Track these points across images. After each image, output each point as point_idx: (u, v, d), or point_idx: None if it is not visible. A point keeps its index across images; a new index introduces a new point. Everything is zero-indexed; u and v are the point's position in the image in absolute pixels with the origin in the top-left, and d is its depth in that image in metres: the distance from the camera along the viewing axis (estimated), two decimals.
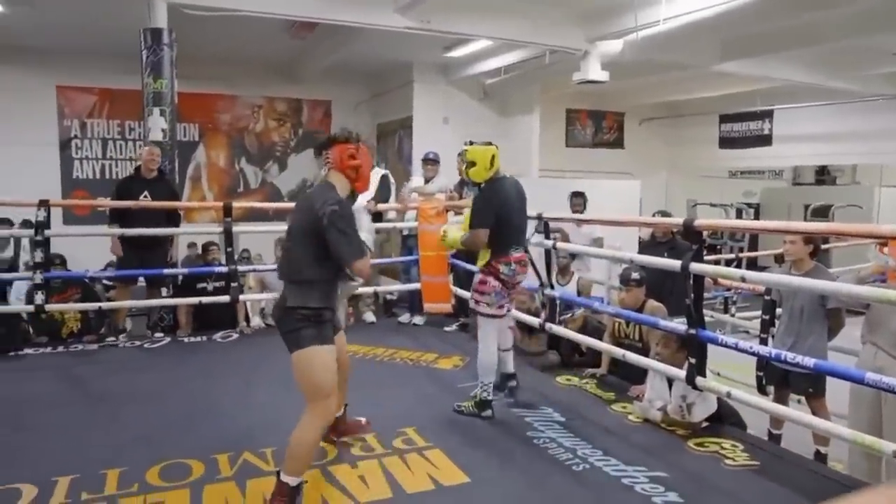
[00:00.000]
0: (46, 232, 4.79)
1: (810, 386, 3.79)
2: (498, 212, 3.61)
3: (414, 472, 2.95)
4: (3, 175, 8.85)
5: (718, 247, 10.85)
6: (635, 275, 4.18)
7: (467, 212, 3.81)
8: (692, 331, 3.32)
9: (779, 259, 9.64)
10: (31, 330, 5.19)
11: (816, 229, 3.39)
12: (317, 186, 2.82)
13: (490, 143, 3.74)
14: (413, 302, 5.98)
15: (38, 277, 4.75)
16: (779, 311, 4.22)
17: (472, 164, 3.65)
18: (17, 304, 5.52)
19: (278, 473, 2.54)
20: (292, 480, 2.51)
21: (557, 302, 4.70)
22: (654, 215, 5.63)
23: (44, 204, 4.77)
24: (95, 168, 9.95)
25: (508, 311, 3.91)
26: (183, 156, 9.40)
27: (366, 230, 3.02)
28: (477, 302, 3.72)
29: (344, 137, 2.78)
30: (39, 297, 4.75)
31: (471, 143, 3.81)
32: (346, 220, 2.58)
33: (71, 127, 9.79)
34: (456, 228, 3.97)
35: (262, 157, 10.99)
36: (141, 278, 5.44)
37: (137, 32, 5.86)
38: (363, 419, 3.35)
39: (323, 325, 2.66)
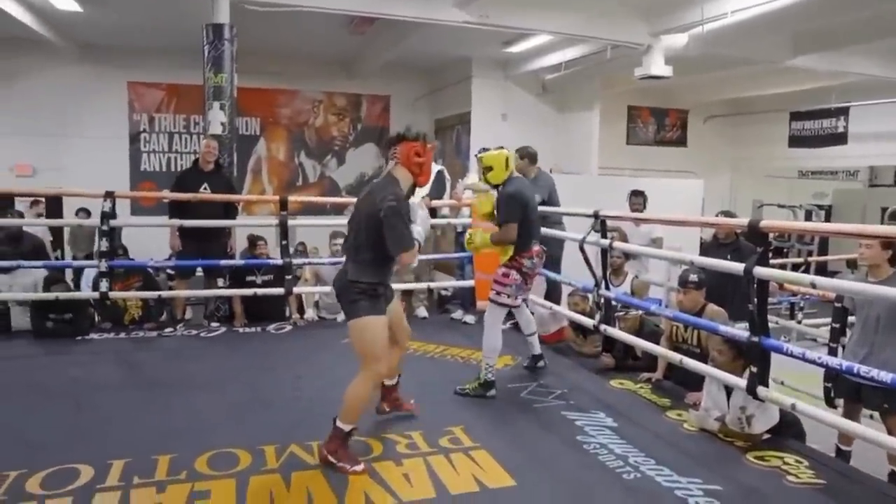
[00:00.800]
0: (111, 222, 4.96)
1: (885, 401, 3.54)
2: (522, 208, 3.92)
3: (459, 473, 2.90)
4: (77, 167, 9.29)
5: (785, 250, 10.37)
6: (693, 277, 4.01)
7: (481, 202, 4.23)
8: (755, 338, 3.15)
9: (851, 264, 9.19)
10: (97, 316, 5.40)
11: (887, 233, 3.15)
12: (382, 179, 3.11)
13: (501, 148, 4.07)
14: (465, 299, 5.93)
15: (104, 265, 4.93)
16: (851, 319, 3.97)
17: (490, 168, 3.97)
18: (85, 290, 5.76)
19: (335, 420, 2.95)
20: (346, 427, 2.95)
21: (613, 303, 4.56)
22: (717, 215, 5.40)
23: (109, 195, 4.94)
24: (162, 161, 10.30)
25: (524, 301, 4.33)
26: (244, 149, 9.65)
27: (420, 224, 3.10)
28: (498, 293, 3.99)
29: (413, 136, 3.07)
30: (104, 285, 4.93)
31: (484, 150, 4.11)
32: (399, 216, 2.91)
33: (140, 121, 10.17)
34: (480, 231, 4.18)
35: (321, 152, 11.15)
36: (199, 269, 5.58)
37: (200, 28, 6.00)
38: (412, 401, 3.57)
39: (377, 299, 3.01)
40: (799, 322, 6.60)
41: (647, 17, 7.06)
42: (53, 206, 7.41)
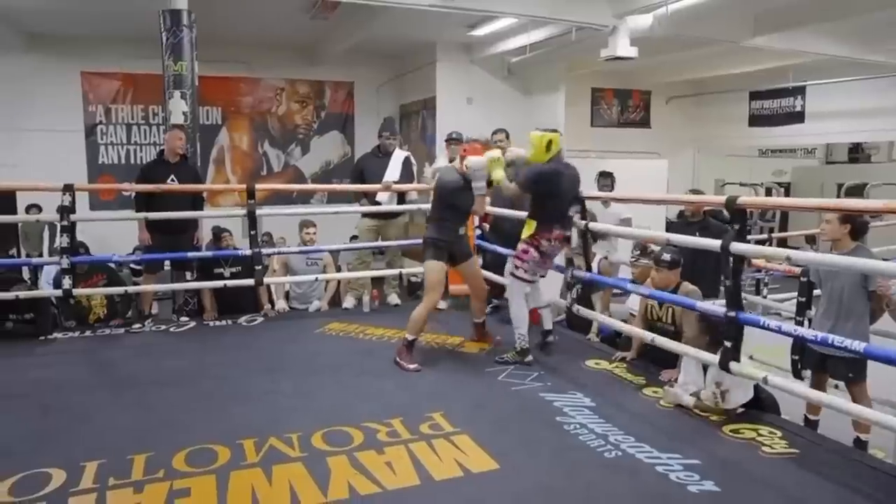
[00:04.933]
0: (72, 217, 4.79)
1: (850, 371, 3.65)
2: (544, 189, 4.09)
3: (442, 459, 2.90)
4: (31, 162, 8.98)
5: (748, 227, 10.62)
6: (667, 256, 4.05)
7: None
8: (731, 313, 3.21)
9: (810, 240, 9.42)
10: (59, 315, 5.23)
11: (869, 207, 3.23)
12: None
13: (555, 130, 4.17)
14: None
15: (65, 262, 4.76)
16: (816, 292, 4.08)
17: (533, 147, 4.09)
18: (46, 288, 5.58)
19: (405, 335, 4.14)
20: (410, 337, 4.15)
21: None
22: (687, 194, 5.47)
23: (68, 188, 4.77)
24: (120, 153, 10.01)
25: (542, 276, 4.44)
26: (206, 139, 9.42)
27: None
28: (517, 267, 4.20)
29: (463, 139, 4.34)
30: (67, 282, 4.77)
31: (536, 130, 4.18)
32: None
33: (96, 113, 9.86)
34: (501, 168, 4.27)
35: (285, 140, 10.97)
36: (167, 262, 5.45)
37: (157, 15, 5.82)
38: (499, 336, 4.61)
39: (439, 249, 4.27)
40: (764, 297, 6.74)
41: None
42: (6, 202, 7.13)
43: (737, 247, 3.20)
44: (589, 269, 4.62)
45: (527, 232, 4.18)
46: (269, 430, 3.12)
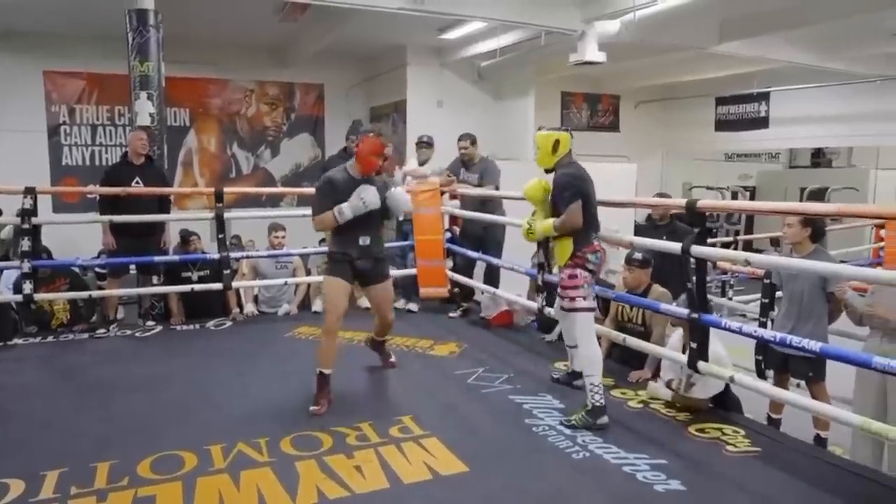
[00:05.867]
0: (33, 220, 4.68)
1: (811, 370, 3.75)
2: (582, 191, 3.47)
3: (411, 462, 2.90)
4: None
5: (714, 230, 10.81)
6: (638, 255, 4.12)
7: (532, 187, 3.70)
8: (695, 315, 3.27)
9: (774, 243, 9.61)
10: (20, 320, 5.10)
11: (825, 210, 3.32)
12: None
13: (566, 130, 3.62)
14: (408, 288, 5.91)
15: (26, 266, 4.65)
16: (778, 294, 4.17)
17: (538, 149, 3.58)
18: (6, 293, 5.43)
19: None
20: (326, 371, 3.56)
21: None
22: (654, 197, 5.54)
23: (30, 191, 4.66)
24: (85, 154, 9.79)
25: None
26: (174, 141, 9.27)
27: (359, 199, 3.53)
28: (573, 299, 3.43)
29: (366, 130, 3.65)
30: (28, 287, 4.65)
31: (540, 129, 3.66)
32: (317, 191, 3.68)
33: (59, 113, 9.61)
34: (537, 219, 3.67)
35: (255, 142, 10.84)
36: (132, 266, 5.35)
37: (123, 14, 5.72)
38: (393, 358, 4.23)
39: (338, 263, 3.65)
40: (730, 299, 6.87)
41: (580, 3, 7.15)
42: None
43: (697, 250, 3.26)
44: (550, 270, 4.61)
45: (564, 254, 3.50)
46: (237, 436, 3.09)
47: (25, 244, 4.67)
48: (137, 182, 5.07)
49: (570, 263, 3.46)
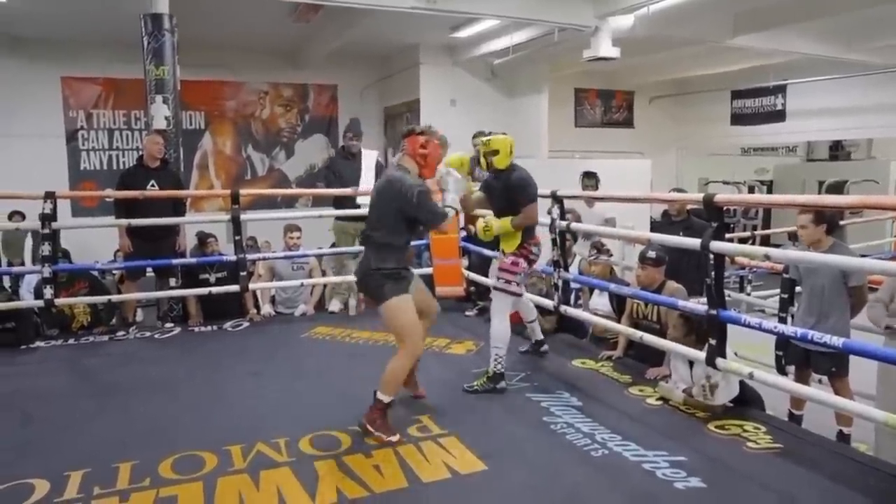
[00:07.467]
0: (53, 224, 4.74)
1: (833, 365, 3.71)
2: (535, 193, 3.85)
3: (430, 461, 2.90)
4: (11, 168, 8.84)
5: (731, 225, 10.70)
6: (652, 253, 4.09)
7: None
8: (713, 311, 3.23)
9: (792, 237, 9.51)
10: (41, 323, 5.17)
11: (845, 202, 3.26)
12: (394, 168, 3.41)
13: (504, 133, 3.96)
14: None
15: (47, 271, 4.70)
16: (798, 289, 4.12)
17: (496, 152, 3.80)
18: (27, 297, 5.50)
19: (375, 392, 3.13)
20: (385, 398, 3.13)
21: (571, 285, 4.63)
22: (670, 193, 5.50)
23: (50, 196, 4.71)
24: (102, 159, 9.92)
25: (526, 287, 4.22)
26: (189, 144, 9.37)
27: (453, 191, 3.48)
28: (507, 282, 3.84)
29: (419, 131, 3.38)
30: (48, 291, 4.70)
31: (489, 133, 3.98)
32: (428, 195, 3.25)
33: (77, 118, 9.75)
34: (494, 218, 3.90)
35: (269, 144, 10.93)
36: (149, 269, 5.40)
37: (138, 19, 5.78)
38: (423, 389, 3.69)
39: (400, 280, 3.25)
40: (748, 294, 6.80)
41: None
42: None
43: (716, 245, 3.22)
44: (566, 268, 4.62)
45: (512, 243, 3.85)
46: (256, 436, 3.11)
47: (45, 249, 4.72)
48: (153, 185, 5.12)
49: (517, 252, 3.85)
